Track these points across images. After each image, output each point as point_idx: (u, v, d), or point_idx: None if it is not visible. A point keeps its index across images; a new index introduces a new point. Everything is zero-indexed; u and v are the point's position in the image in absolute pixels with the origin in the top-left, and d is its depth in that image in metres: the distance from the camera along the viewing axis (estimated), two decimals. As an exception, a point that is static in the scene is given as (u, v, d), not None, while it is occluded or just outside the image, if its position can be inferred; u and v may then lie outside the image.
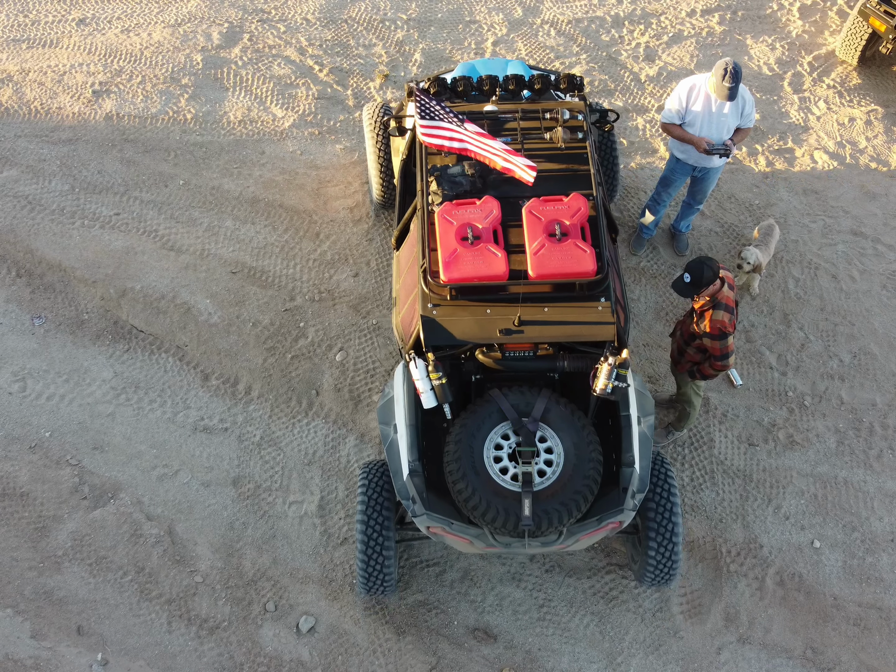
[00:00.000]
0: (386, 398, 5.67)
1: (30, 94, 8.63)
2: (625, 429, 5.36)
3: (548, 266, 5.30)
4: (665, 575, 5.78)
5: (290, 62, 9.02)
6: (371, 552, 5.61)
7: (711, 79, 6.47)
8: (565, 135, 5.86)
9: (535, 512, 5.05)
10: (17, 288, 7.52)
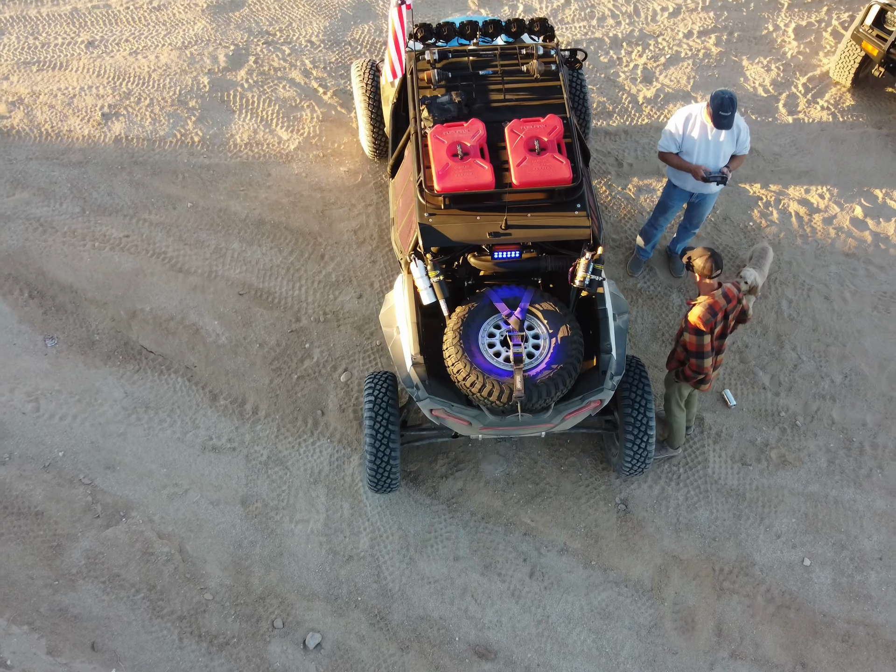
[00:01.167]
0: (387, 306, 6.37)
1: (40, 116, 8.82)
2: (602, 321, 6.01)
3: (529, 175, 5.98)
4: (640, 465, 6.56)
5: (296, 84, 9.21)
6: (378, 451, 6.26)
7: (707, 108, 6.66)
8: (540, 66, 6.59)
9: (526, 385, 5.59)
10: (30, 309, 7.72)
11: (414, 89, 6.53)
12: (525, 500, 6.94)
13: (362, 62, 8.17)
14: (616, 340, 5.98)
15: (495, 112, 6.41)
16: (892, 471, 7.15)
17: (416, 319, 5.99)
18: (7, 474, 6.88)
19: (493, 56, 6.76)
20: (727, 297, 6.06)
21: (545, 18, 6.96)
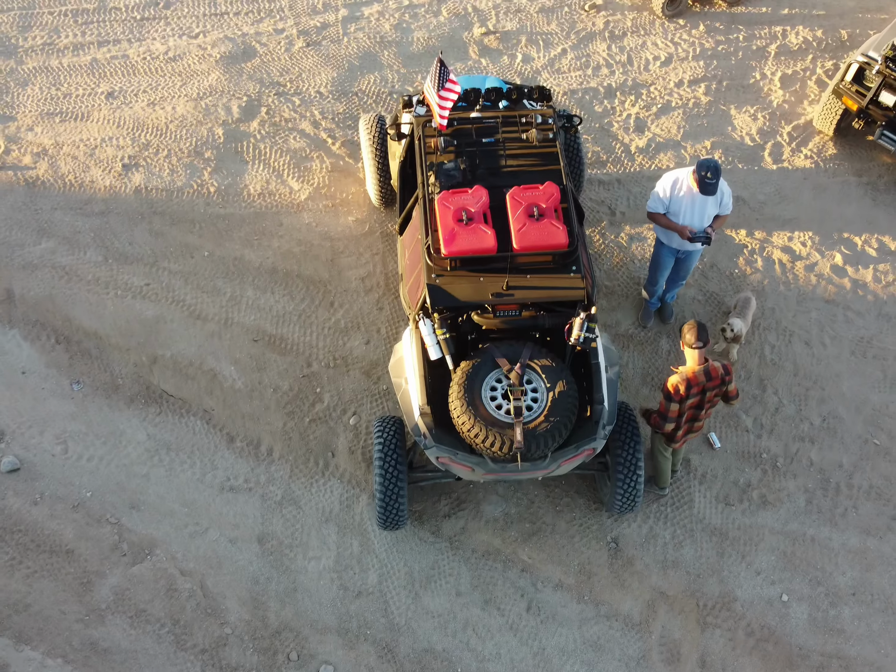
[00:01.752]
0: (396, 357, 6.93)
1: (64, 167, 9.31)
2: (595, 374, 6.52)
3: (529, 240, 6.51)
4: (630, 503, 7.06)
5: (305, 135, 9.70)
6: (387, 491, 6.76)
7: (693, 175, 7.16)
8: (538, 135, 7.11)
9: (526, 437, 6.08)
10: (57, 354, 8.21)
11: (422, 155, 7.07)
12: (523, 539, 7.42)
13: (370, 117, 8.65)
14: (608, 392, 6.50)
15: (497, 177, 6.98)
16: (865, 510, 7.64)
17: (423, 372, 6.51)
18: (39, 514, 7.37)
19: (496, 123, 7.29)
20: (708, 375, 6.54)
21: (543, 87, 7.57)
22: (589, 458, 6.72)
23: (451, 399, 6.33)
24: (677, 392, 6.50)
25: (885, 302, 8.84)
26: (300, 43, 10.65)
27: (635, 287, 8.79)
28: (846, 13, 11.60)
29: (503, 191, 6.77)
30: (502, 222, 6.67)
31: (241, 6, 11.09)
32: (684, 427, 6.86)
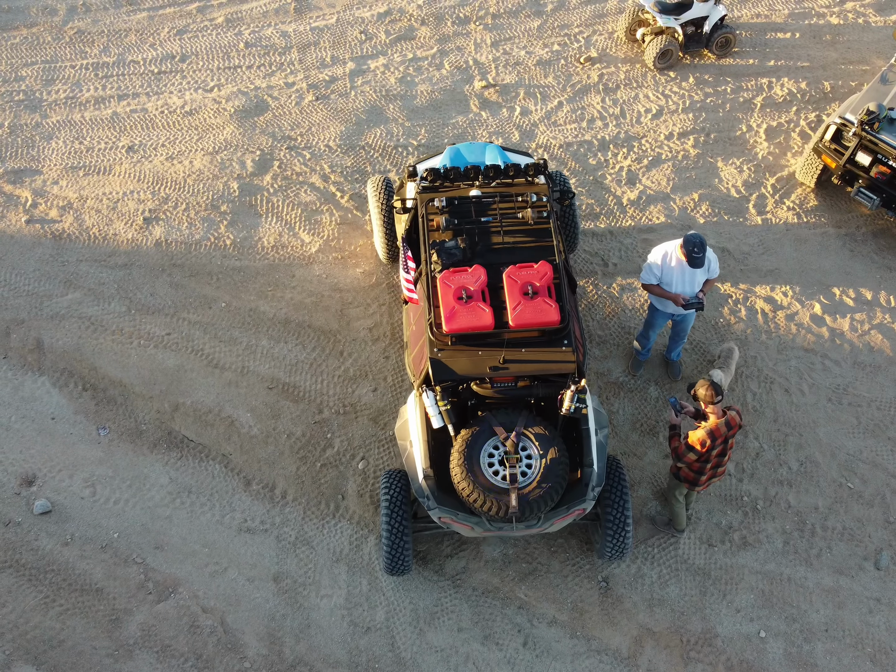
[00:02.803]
0: (401, 420, 7.47)
1: (88, 220, 9.89)
2: (585, 439, 7.07)
3: (524, 318, 7.05)
4: (619, 551, 7.56)
5: (315, 189, 10.29)
6: (394, 541, 7.30)
7: (681, 250, 7.75)
8: (534, 214, 7.67)
9: (520, 502, 6.64)
10: (84, 401, 8.78)
11: (425, 233, 7.64)
12: (520, 578, 7.99)
13: (378, 179, 9.23)
14: (597, 455, 7.03)
15: (495, 254, 7.53)
16: (839, 551, 8.21)
17: (426, 437, 7.07)
18: (70, 554, 7.93)
19: (494, 201, 7.84)
20: (729, 425, 7.13)
21: (538, 163, 8.10)
22: (579, 518, 7.30)
23: (452, 465, 6.88)
24: (703, 445, 7.06)
25: (861, 350, 9.41)
26: (310, 97, 11.23)
27: (626, 336, 9.36)
28: (829, 65, 12.19)
29: (500, 269, 7.35)
30: (499, 298, 7.24)
31: (254, 60, 11.68)
32: (709, 473, 7.41)
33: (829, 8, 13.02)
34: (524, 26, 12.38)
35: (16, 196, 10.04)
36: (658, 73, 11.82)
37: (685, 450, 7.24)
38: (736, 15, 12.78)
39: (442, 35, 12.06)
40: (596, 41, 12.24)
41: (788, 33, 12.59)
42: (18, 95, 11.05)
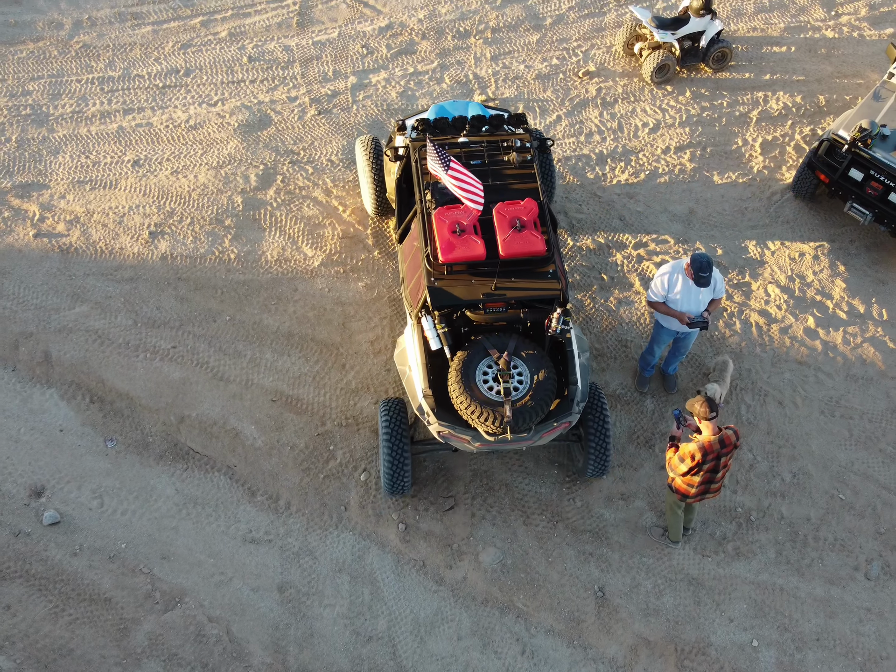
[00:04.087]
0: (399, 348, 8.19)
1: (95, 235, 10.07)
2: (570, 360, 7.72)
3: (513, 248, 7.65)
4: (601, 467, 8.26)
5: (318, 203, 10.47)
6: (394, 460, 7.89)
7: (687, 268, 7.93)
8: (518, 158, 8.31)
9: (513, 413, 7.21)
10: (91, 413, 8.96)
11: (419, 175, 8.23)
12: (518, 587, 8.18)
13: (366, 138, 9.80)
14: (581, 374, 7.69)
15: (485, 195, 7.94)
16: (830, 561, 8.40)
17: (425, 361, 7.66)
18: (79, 565, 8.11)
19: (482, 148, 8.45)
20: (723, 443, 7.30)
21: (521, 114, 8.82)
22: (566, 431, 7.90)
23: (450, 382, 7.44)
24: (693, 458, 7.24)
25: (853, 363, 9.60)
26: (312, 111, 11.41)
27: (623, 350, 9.55)
28: (824, 78, 12.37)
29: (489, 206, 7.91)
30: (489, 233, 7.81)
31: (257, 74, 11.86)
32: (701, 487, 7.58)
33: (825, 21, 13.19)
34: (523, 40, 12.55)
35: (24, 210, 10.22)
36: (655, 88, 12.00)
37: (676, 461, 7.41)
38: (732, 28, 12.95)
39: (442, 49, 12.23)
40: (594, 55, 12.41)
41: (784, 47, 12.76)
42: (25, 110, 11.23)
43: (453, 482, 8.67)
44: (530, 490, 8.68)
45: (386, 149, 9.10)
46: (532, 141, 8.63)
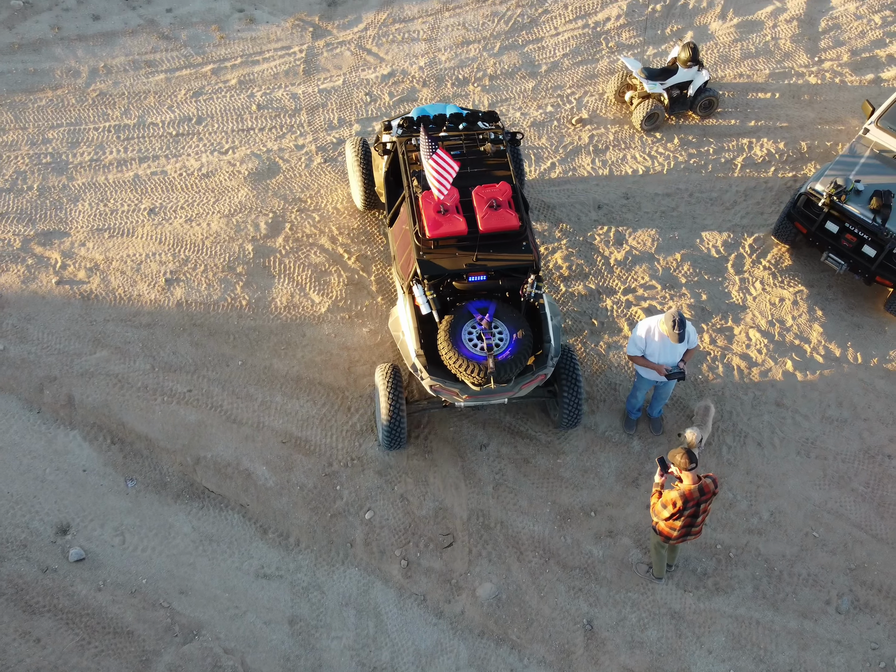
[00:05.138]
0: (393, 317, 9.41)
1: (114, 282, 10.67)
2: (543, 321, 8.94)
3: (490, 224, 8.95)
4: (574, 419, 9.40)
5: (325, 250, 11.07)
6: (392, 417, 8.94)
7: (663, 325, 8.55)
8: (493, 148, 9.61)
9: (495, 365, 8.40)
10: (112, 454, 9.56)
11: (406, 165, 9.47)
12: (512, 621, 8.79)
13: (356, 139, 10.82)
14: (553, 334, 8.88)
15: (464, 180, 9.25)
16: (804, 595, 9.00)
17: (416, 325, 8.85)
18: (103, 599, 8.71)
19: (460, 141, 9.69)
20: (702, 491, 7.91)
21: (493, 111, 10.16)
22: (542, 383, 9.05)
23: (440, 342, 8.62)
24: (675, 505, 7.84)
25: (829, 405, 10.20)
26: (318, 159, 12.01)
27: (612, 392, 10.15)
28: (807, 125, 12.97)
29: (469, 189, 9.15)
30: (470, 212, 9.05)
31: (265, 122, 12.45)
32: (682, 531, 8.17)
33: (808, 67, 13.78)
34: (520, 87, 13.15)
35: (46, 257, 10.81)
36: (645, 135, 12.59)
37: (659, 507, 8.02)
38: (719, 74, 13.54)
39: (442, 96, 12.82)
40: (587, 102, 13.01)
41: (769, 93, 13.35)
42: (46, 158, 11.82)
43: (452, 520, 9.27)
44: (524, 528, 9.28)
45: (375, 145, 10.33)
46: (504, 134, 9.84)
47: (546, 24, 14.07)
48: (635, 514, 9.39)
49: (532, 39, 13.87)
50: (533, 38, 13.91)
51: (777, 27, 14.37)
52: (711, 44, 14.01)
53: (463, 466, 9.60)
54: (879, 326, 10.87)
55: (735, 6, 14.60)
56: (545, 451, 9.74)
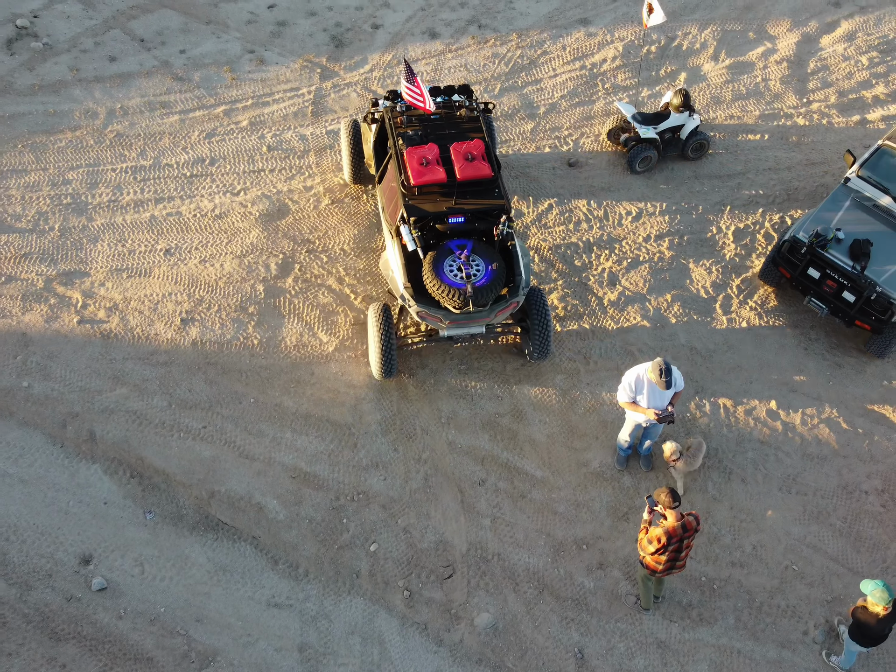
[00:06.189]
0: (383, 260, 10.75)
1: (132, 321, 11.25)
2: (514, 258, 10.39)
3: (467, 173, 10.43)
4: (543, 351, 10.75)
5: (332, 291, 11.65)
6: (384, 348, 10.27)
7: (651, 374, 9.11)
8: (467, 113, 11.14)
9: (473, 290, 9.80)
10: (132, 487, 10.13)
11: (392, 128, 10.91)
12: (508, 649, 9.34)
13: (348, 121, 12.17)
14: (524, 269, 10.29)
15: (442, 139, 10.82)
16: (783, 626, 9.56)
17: (403, 262, 10.26)
18: (124, 627, 9.28)
19: (440, 109, 11.21)
20: (685, 528, 8.47)
21: (467, 85, 11.80)
22: (514, 311, 10.48)
23: (424, 273, 10.02)
24: (660, 541, 8.41)
25: (810, 443, 10.76)
26: (326, 200, 12.59)
27: (604, 430, 10.71)
28: (794, 166, 13.53)
29: (447, 146, 10.63)
30: (449, 165, 10.51)
31: (276, 163, 13.03)
32: (667, 565, 8.73)
33: (797, 109, 14.35)
34: (519, 129, 13.72)
35: (68, 297, 11.39)
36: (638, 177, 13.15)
37: (646, 542, 8.59)
38: (711, 116, 14.11)
39: (444, 138, 13.37)
40: (583, 143, 13.58)
41: (758, 135, 13.92)
42: (66, 199, 12.40)
43: (452, 552, 9.84)
44: (520, 560, 9.84)
45: (365, 115, 11.71)
46: (477, 103, 11.49)
47: (545, 66, 14.65)
48: (625, 547, 9.95)
49: (531, 81, 14.44)
50: (532, 79, 14.48)
51: (767, 68, 14.94)
52: (703, 85, 14.58)
53: (462, 501, 10.16)
54: (860, 366, 11.42)
55: (727, 47, 15.18)
56: (540, 486, 10.30)
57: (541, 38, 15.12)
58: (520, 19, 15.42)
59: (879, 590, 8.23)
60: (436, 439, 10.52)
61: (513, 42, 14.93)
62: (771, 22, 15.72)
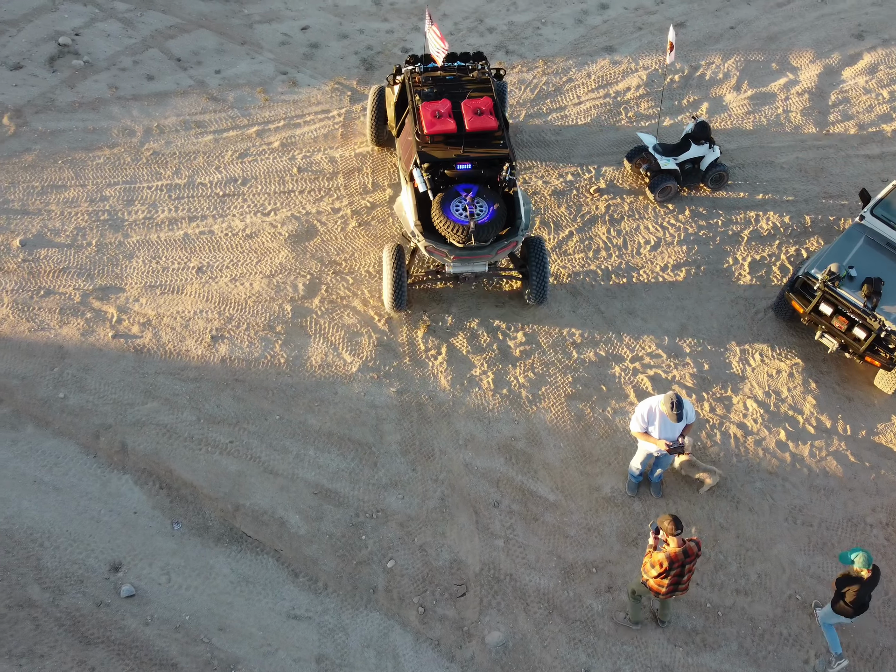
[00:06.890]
0: (397, 202, 11.94)
1: (164, 337, 11.70)
2: (516, 203, 11.55)
3: (475, 124, 11.66)
4: (541, 296, 11.83)
5: (357, 312, 12.05)
6: (396, 282, 11.39)
7: (663, 406, 9.46)
8: (479, 75, 12.38)
9: (476, 226, 10.98)
10: (160, 498, 10.57)
11: (410, 88, 12.10)
12: (516, 667, 9.69)
13: (375, 87, 13.35)
14: (524, 212, 11.45)
15: (455, 96, 11.97)
16: (784, 654, 9.86)
17: (415, 203, 11.42)
18: (150, 633, 9.72)
19: (455, 72, 12.42)
20: (686, 554, 8.82)
21: (480, 52, 12.86)
22: (514, 250, 11.64)
23: (433, 211, 11.21)
24: (662, 566, 8.76)
25: (817, 475, 11.05)
26: (353, 223, 13.00)
27: (616, 456, 11.05)
28: (811, 199, 13.80)
29: (459, 102, 11.81)
30: (459, 119, 11.69)
31: (305, 185, 13.45)
32: (670, 588, 9.07)
33: (817, 141, 14.61)
34: (543, 154, 14.06)
35: (103, 312, 11.86)
36: (658, 206, 13.47)
37: (649, 566, 8.94)
38: (732, 146, 14.39)
39: (470, 163, 13.75)
40: (605, 172, 13.91)
41: (777, 166, 14.20)
42: (104, 215, 12.88)
43: (465, 571, 10.21)
44: (531, 581, 10.20)
45: (388, 78, 13.12)
46: (489, 68, 12.53)
47: (570, 93, 15.00)
48: (633, 571, 10.28)
49: (556, 107, 14.80)
50: (557, 105, 14.83)
51: (789, 99, 15.21)
52: (725, 115, 14.88)
53: (477, 521, 10.53)
54: (869, 400, 11.70)
55: (750, 78, 15.46)
56: (553, 509, 10.65)
57: (566, 64, 15.46)
58: (546, 46, 15.77)
59: (862, 554, 8.91)
60: (453, 460, 10.90)
61: (539, 68, 15.28)
62: (794, 53, 15.98)
